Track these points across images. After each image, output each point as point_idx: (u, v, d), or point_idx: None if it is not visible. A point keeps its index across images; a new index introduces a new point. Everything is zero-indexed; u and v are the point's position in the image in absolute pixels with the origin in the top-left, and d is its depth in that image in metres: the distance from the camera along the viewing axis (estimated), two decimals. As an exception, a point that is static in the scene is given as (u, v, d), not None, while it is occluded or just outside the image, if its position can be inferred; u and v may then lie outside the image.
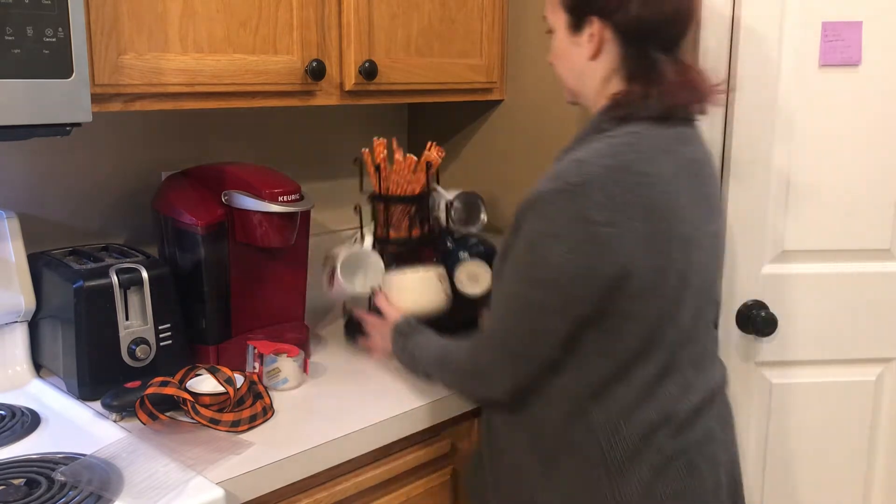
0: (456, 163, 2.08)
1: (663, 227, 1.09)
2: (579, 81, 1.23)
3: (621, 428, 1.15)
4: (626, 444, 1.16)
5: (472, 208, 1.75)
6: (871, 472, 1.70)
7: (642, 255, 1.08)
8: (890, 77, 1.53)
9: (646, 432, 1.16)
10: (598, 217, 1.05)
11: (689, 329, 1.18)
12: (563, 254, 1.07)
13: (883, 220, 1.59)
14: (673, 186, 1.12)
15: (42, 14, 1.08)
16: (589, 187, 1.06)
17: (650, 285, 1.10)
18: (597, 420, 1.16)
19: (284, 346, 1.43)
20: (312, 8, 1.49)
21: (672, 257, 1.11)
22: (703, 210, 1.17)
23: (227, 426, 1.25)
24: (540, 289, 1.10)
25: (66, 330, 1.34)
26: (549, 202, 1.08)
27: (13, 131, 1.10)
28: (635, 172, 1.08)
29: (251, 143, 1.87)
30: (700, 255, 1.16)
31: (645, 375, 1.15)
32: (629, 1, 1.12)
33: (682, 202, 1.12)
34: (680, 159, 1.15)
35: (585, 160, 1.10)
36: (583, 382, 1.16)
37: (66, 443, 1.20)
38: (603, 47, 1.17)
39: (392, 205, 1.64)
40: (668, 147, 1.14)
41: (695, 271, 1.15)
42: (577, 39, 1.19)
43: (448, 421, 1.43)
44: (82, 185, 1.60)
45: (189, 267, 1.47)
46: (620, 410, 1.15)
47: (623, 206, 1.06)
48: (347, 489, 1.29)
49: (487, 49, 1.84)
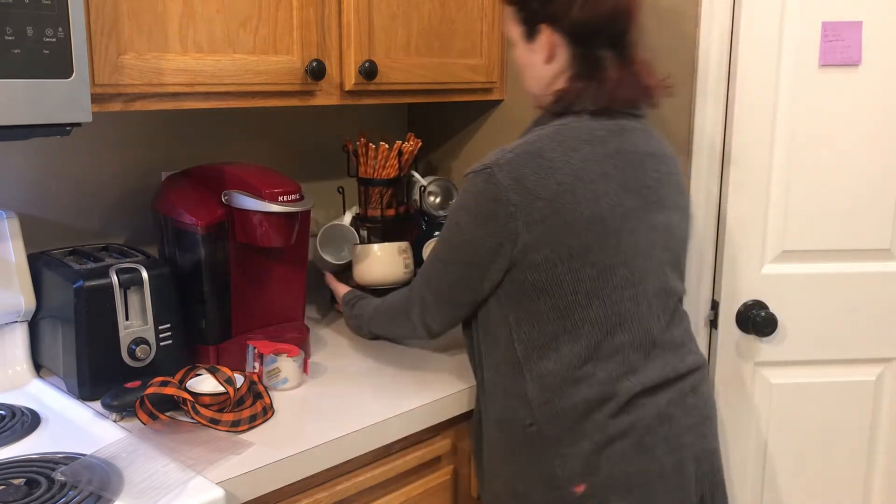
0: (456, 163, 2.08)
1: (569, 208, 1.18)
2: (539, 85, 1.34)
3: (555, 402, 1.23)
4: (563, 420, 1.22)
5: (446, 193, 2.01)
6: (871, 472, 1.70)
7: (544, 232, 1.19)
8: (890, 77, 1.53)
9: (584, 409, 1.22)
10: (503, 196, 1.19)
11: (627, 313, 1.24)
12: (470, 225, 1.23)
13: (883, 220, 1.59)
14: (586, 173, 1.20)
15: (42, 14, 1.08)
16: (500, 169, 1.20)
17: (556, 260, 1.19)
18: (531, 392, 1.24)
19: (284, 346, 1.43)
20: (312, 8, 1.49)
21: (581, 237, 1.19)
22: (635, 197, 1.24)
23: (227, 426, 1.25)
24: (450, 250, 1.28)
25: (66, 330, 1.34)
26: (469, 181, 1.24)
27: (13, 131, 1.10)
28: (544, 158, 1.20)
29: (251, 143, 1.87)
30: (628, 239, 1.22)
31: (575, 352, 1.22)
32: (571, 6, 1.24)
33: (601, 187, 1.21)
34: (606, 149, 1.23)
35: (506, 148, 1.23)
36: (514, 352, 1.25)
37: (66, 443, 1.20)
38: (555, 51, 1.28)
39: (369, 187, 1.84)
40: (591, 137, 1.23)
41: (619, 254, 1.22)
42: (532, 47, 1.31)
43: (448, 421, 1.43)
44: (82, 185, 1.60)
45: (189, 267, 1.47)
46: (553, 385, 1.23)
47: (527, 187, 1.18)
48: (347, 489, 1.29)
49: (487, 49, 1.84)
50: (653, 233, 1.26)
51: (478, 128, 2.01)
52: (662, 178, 1.29)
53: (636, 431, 1.22)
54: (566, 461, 1.22)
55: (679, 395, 1.27)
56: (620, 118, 1.27)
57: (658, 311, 1.28)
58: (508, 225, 1.19)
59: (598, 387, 1.22)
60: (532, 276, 1.21)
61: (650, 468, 1.22)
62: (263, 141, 1.89)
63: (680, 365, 1.28)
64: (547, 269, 1.20)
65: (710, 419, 1.33)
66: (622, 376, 1.23)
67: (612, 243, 1.21)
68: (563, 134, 1.23)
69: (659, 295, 1.28)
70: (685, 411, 1.27)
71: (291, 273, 1.60)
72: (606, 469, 1.21)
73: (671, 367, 1.27)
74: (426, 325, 1.39)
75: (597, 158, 1.22)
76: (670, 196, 1.30)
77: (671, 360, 1.28)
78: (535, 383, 1.24)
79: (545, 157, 1.20)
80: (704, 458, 1.29)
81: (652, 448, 1.22)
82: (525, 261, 1.20)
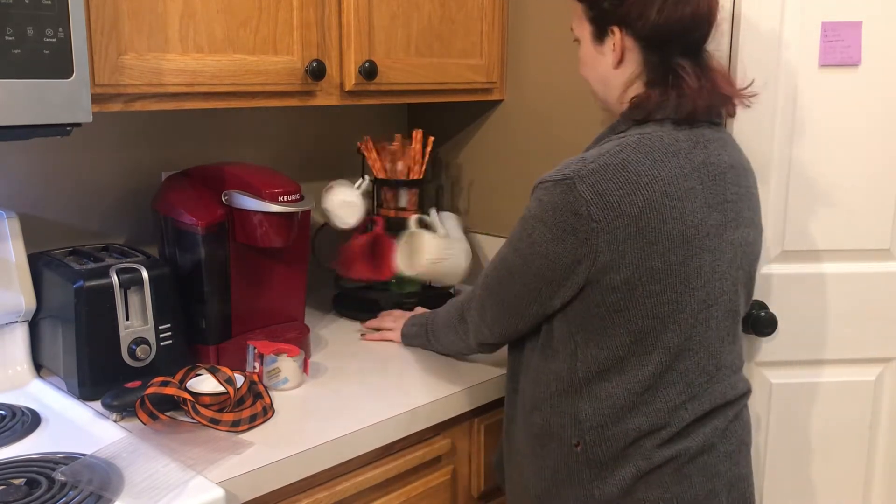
0: (456, 162, 2.08)
1: (654, 227, 1.11)
2: (605, 89, 1.27)
3: (608, 427, 1.17)
4: (612, 445, 1.18)
5: None
6: (871, 472, 1.70)
7: (627, 252, 1.11)
8: (890, 77, 1.53)
9: (635, 437, 1.17)
10: (584, 210, 1.10)
11: (697, 336, 1.17)
12: (545, 238, 1.14)
13: (883, 220, 1.59)
14: (675, 188, 1.13)
15: (42, 14, 1.08)
16: (581, 181, 1.11)
17: (637, 282, 1.12)
18: (584, 413, 1.18)
19: (284, 346, 1.43)
20: (312, 8, 1.49)
21: (664, 258, 1.12)
22: (717, 214, 1.17)
23: (227, 426, 1.25)
24: (521, 260, 1.19)
25: (67, 330, 1.34)
26: (546, 189, 1.14)
27: (13, 131, 1.10)
28: (630, 171, 1.11)
29: (251, 143, 1.87)
30: (709, 259, 1.16)
31: (640, 377, 1.16)
32: (647, 10, 1.16)
33: (688, 205, 1.13)
34: (692, 161, 1.16)
35: (587, 157, 1.14)
36: (575, 371, 1.18)
37: (66, 443, 1.20)
38: (625, 55, 1.21)
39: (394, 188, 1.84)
40: (677, 149, 1.15)
41: (701, 276, 1.15)
42: (601, 49, 1.24)
43: (448, 421, 1.43)
44: (82, 185, 1.60)
45: (189, 267, 1.47)
46: (611, 410, 1.17)
47: (611, 202, 1.10)
48: (347, 489, 1.29)
49: (487, 49, 1.84)
50: (731, 251, 1.20)
51: (478, 128, 2.01)
52: (742, 192, 1.23)
53: (678, 461, 1.18)
54: (605, 484, 1.18)
55: (724, 423, 1.23)
56: (701, 127, 1.20)
57: (724, 334, 1.22)
58: (588, 241, 1.11)
59: (654, 415, 1.17)
60: (608, 298, 1.13)
61: (685, 496, 1.18)
62: (263, 141, 1.89)
63: (731, 392, 1.24)
64: (625, 291, 1.12)
65: (747, 445, 1.29)
66: (680, 405, 1.18)
67: (695, 265, 1.15)
68: (646, 145, 1.14)
69: (727, 317, 1.22)
70: (726, 439, 1.23)
71: (291, 273, 1.60)
72: (642, 493, 1.18)
73: (722, 393, 1.22)
74: (479, 333, 1.33)
75: (684, 172, 1.14)
76: (746, 211, 1.24)
77: (726, 386, 1.23)
78: (590, 404, 1.18)
79: (630, 171, 1.11)
80: (736, 485, 1.25)
81: (689, 476, 1.18)
82: (602, 281, 1.13)
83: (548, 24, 1.82)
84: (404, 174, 1.83)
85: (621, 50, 1.21)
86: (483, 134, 2.00)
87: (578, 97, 1.77)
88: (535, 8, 1.83)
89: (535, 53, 1.85)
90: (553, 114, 1.84)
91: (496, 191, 2.00)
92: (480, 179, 2.03)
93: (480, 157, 2.02)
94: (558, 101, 1.82)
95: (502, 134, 1.95)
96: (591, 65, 1.28)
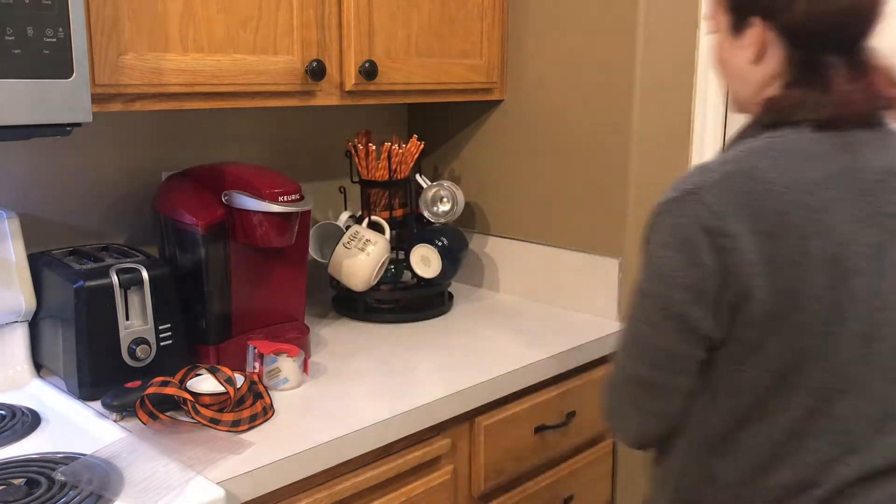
0: (456, 162, 2.08)
1: (794, 244, 0.95)
2: (740, 85, 1.11)
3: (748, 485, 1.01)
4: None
5: (453, 199, 1.91)
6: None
7: (764, 275, 0.95)
8: (890, 77, 1.52)
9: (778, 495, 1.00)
10: (711, 225, 0.95)
11: (853, 377, 0.98)
12: (675, 266, 0.98)
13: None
14: (816, 198, 0.96)
15: (42, 14, 1.08)
16: (704, 194, 0.97)
17: (778, 312, 0.96)
18: (722, 473, 1.03)
19: (284, 346, 1.43)
20: (312, 8, 1.49)
21: (809, 282, 0.95)
22: (874, 230, 0.98)
23: (227, 426, 1.25)
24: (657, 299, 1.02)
25: (67, 330, 1.34)
26: (665, 212, 1.00)
27: (13, 131, 1.10)
28: (758, 179, 0.96)
29: (251, 143, 1.87)
30: (865, 284, 0.97)
31: (782, 424, 0.99)
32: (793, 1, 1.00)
33: (834, 217, 0.96)
34: (833, 167, 0.98)
35: (707, 166, 1.01)
36: (708, 426, 1.04)
37: (66, 443, 1.20)
38: (766, 50, 1.04)
39: (368, 188, 1.84)
40: (818, 154, 0.99)
41: (856, 304, 0.97)
42: (738, 42, 1.07)
43: (448, 421, 1.43)
44: (82, 185, 1.60)
45: (189, 267, 1.47)
46: (748, 464, 1.01)
47: (741, 215, 0.95)
48: (347, 489, 1.30)
49: (487, 49, 1.84)
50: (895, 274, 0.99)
51: (478, 128, 2.01)
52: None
53: None
54: None
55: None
56: (853, 130, 1.02)
57: (894, 376, 1.00)
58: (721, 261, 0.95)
59: (803, 469, 0.99)
60: (742, 332, 0.98)
61: None
62: (263, 141, 1.89)
63: None
64: (763, 322, 0.96)
65: None
66: (837, 458, 0.98)
67: (847, 290, 0.96)
68: (776, 148, 0.99)
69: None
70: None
71: (291, 273, 1.60)
72: None
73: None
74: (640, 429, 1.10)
75: (823, 180, 0.97)
76: None
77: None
78: (728, 462, 1.02)
79: (758, 179, 0.96)
80: None
81: None
82: (740, 311, 0.97)
83: (548, 24, 1.82)
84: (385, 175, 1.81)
85: (761, 44, 1.04)
86: (483, 134, 2.00)
87: (579, 97, 1.77)
88: (535, 8, 1.83)
89: (535, 53, 1.85)
90: (553, 114, 1.84)
91: (496, 191, 2.00)
92: (480, 179, 2.03)
93: (480, 157, 2.02)
94: (558, 100, 1.83)
95: (502, 134, 1.95)
96: (726, 59, 1.10)
